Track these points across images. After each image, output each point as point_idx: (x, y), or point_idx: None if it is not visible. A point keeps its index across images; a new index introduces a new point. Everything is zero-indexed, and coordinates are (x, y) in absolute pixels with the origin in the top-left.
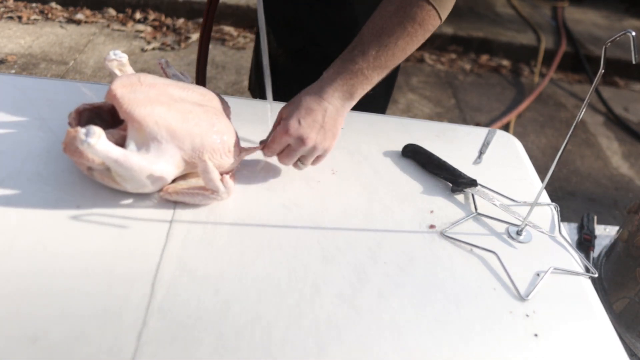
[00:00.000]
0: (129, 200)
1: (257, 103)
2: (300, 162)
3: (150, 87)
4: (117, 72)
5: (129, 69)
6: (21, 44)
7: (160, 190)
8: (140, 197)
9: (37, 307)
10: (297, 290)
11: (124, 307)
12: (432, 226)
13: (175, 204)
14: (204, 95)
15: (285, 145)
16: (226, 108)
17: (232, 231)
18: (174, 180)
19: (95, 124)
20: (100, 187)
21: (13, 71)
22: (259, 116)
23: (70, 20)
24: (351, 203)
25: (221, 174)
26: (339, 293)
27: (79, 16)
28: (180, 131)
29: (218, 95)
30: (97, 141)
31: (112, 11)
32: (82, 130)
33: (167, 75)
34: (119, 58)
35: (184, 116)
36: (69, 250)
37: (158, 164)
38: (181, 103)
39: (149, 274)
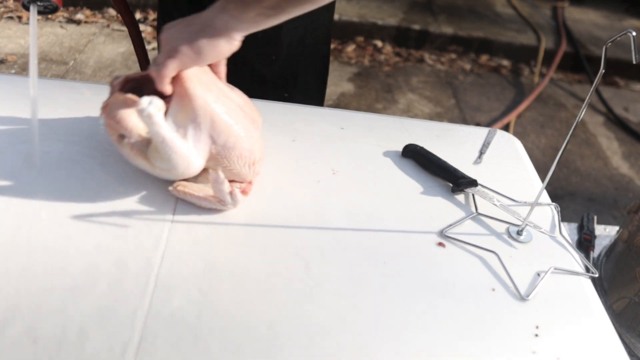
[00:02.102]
0: (129, 200)
1: (260, 104)
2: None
3: (204, 73)
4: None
5: None
6: (21, 44)
7: (172, 183)
8: (141, 197)
9: (37, 307)
10: (297, 290)
11: (124, 306)
12: (432, 226)
13: (176, 204)
14: (247, 103)
15: (169, 56)
16: (260, 122)
17: (232, 231)
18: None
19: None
20: (100, 187)
21: (13, 71)
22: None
23: (70, 20)
24: (351, 203)
25: (233, 181)
26: (338, 293)
27: (79, 16)
28: (221, 124)
29: (256, 109)
30: (157, 113)
31: (112, 11)
32: (145, 99)
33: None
34: None
35: (228, 112)
36: (69, 250)
37: (194, 152)
38: (228, 100)
39: (149, 274)
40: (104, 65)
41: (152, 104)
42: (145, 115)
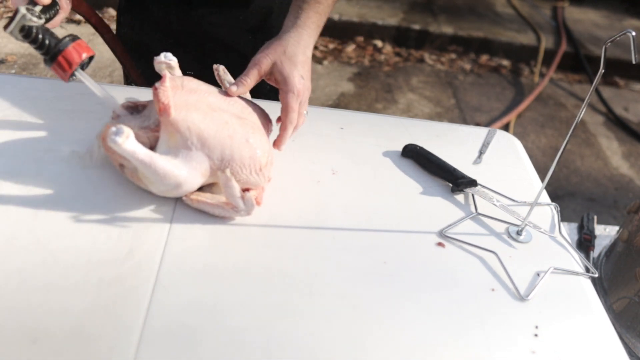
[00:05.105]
0: (129, 200)
1: (261, 104)
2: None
3: (190, 92)
4: (165, 74)
5: (178, 72)
6: (21, 44)
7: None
8: (140, 198)
9: (37, 307)
10: (297, 290)
11: (124, 306)
12: (431, 226)
13: (175, 205)
14: (246, 108)
15: (297, 106)
16: (267, 124)
17: (232, 231)
18: (201, 189)
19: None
20: (100, 188)
21: (13, 71)
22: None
23: (70, 20)
24: (351, 203)
25: (247, 190)
26: (338, 293)
27: (79, 16)
28: (212, 140)
29: (262, 110)
30: (124, 140)
31: (112, 11)
32: (112, 129)
33: (221, 82)
34: (168, 60)
35: (218, 126)
36: (69, 250)
37: (183, 170)
38: (219, 112)
39: (149, 273)
40: (104, 65)
41: (117, 133)
42: (113, 145)
